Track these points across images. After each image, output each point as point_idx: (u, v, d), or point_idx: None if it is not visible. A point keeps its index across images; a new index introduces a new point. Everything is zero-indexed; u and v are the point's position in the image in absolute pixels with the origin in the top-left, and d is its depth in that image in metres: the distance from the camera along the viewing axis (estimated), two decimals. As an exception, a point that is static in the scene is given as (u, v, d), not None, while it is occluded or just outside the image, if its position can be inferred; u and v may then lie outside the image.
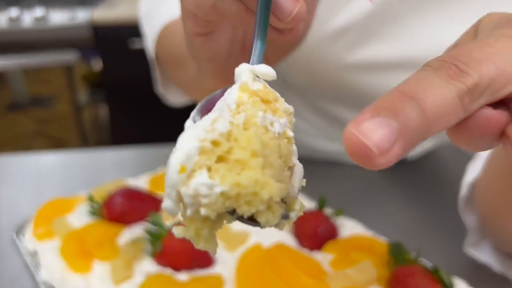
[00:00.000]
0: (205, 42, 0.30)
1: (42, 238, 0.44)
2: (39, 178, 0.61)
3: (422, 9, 0.46)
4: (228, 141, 0.20)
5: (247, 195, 0.19)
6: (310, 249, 0.43)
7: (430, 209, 0.55)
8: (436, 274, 0.38)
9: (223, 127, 0.20)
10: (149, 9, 0.57)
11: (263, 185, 0.19)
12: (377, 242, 0.43)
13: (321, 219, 0.45)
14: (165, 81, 0.58)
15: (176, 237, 0.40)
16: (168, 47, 0.52)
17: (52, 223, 0.45)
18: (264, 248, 0.43)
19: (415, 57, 0.48)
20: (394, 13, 0.47)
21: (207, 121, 0.20)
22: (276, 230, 0.45)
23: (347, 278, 0.38)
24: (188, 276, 0.40)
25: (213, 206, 0.18)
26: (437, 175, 0.64)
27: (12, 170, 0.63)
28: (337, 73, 0.51)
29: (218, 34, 0.31)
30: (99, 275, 0.40)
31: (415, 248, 0.41)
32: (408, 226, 0.52)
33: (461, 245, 0.47)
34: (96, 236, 0.43)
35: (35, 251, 0.44)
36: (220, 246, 0.44)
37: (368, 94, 0.52)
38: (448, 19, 0.46)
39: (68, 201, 0.49)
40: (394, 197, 0.58)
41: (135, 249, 0.42)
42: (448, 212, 0.51)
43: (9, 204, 0.55)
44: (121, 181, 0.52)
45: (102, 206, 0.47)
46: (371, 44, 0.48)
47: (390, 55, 0.49)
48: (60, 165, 0.66)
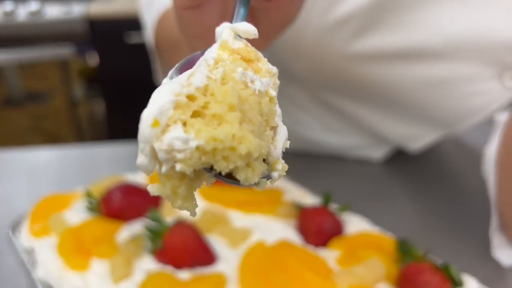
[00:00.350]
0: (195, 16, 0.29)
1: (39, 235, 0.43)
2: (34, 174, 0.60)
3: None
4: (204, 95, 0.19)
5: (224, 150, 0.18)
6: (315, 246, 0.42)
7: (435, 204, 0.54)
8: (446, 271, 0.36)
9: (200, 81, 0.20)
10: (149, 0, 0.56)
11: (241, 140, 0.18)
12: (385, 238, 0.42)
13: (326, 215, 0.43)
14: (164, 72, 0.57)
15: (176, 234, 0.39)
16: (165, 33, 0.51)
17: (49, 219, 0.44)
18: (268, 245, 0.41)
19: (420, 46, 0.47)
20: (398, 1, 0.46)
21: (183, 76, 0.20)
22: (279, 227, 0.43)
23: (355, 276, 0.37)
24: (190, 275, 0.38)
25: (188, 162, 0.18)
26: (441, 169, 0.63)
27: (8, 166, 0.62)
28: (340, 63, 0.50)
29: (208, 8, 0.29)
30: (98, 273, 0.39)
31: (422, 244, 0.40)
32: (415, 222, 0.51)
33: (470, 240, 0.46)
34: (94, 232, 0.42)
35: (31, 248, 0.42)
36: (222, 243, 0.43)
37: (372, 85, 0.51)
38: (452, 8, 0.46)
39: (64, 197, 0.48)
40: (399, 192, 0.57)
41: (134, 246, 0.40)
42: (453, 207, 0.50)
43: (4, 201, 0.54)
44: (118, 176, 0.51)
45: (100, 202, 0.45)
46: (375, 33, 0.47)
47: (394, 44, 0.48)
48: (56, 161, 0.64)
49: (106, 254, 0.40)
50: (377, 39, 0.48)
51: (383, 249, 0.41)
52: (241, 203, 0.46)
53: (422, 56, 0.48)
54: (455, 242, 0.47)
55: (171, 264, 0.39)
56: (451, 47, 0.47)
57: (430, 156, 0.65)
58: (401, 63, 0.49)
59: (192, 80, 0.19)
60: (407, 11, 0.46)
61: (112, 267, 0.39)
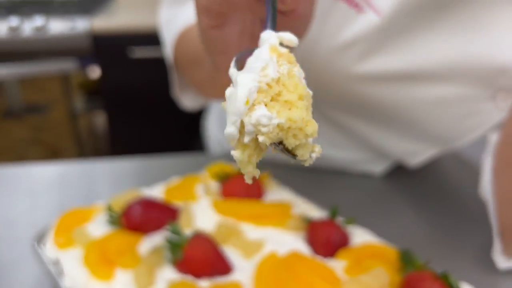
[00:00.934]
0: (218, 34, 0.34)
1: (64, 246, 0.46)
2: (54, 189, 0.63)
3: (427, 24, 0.49)
4: (277, 85, 0.24)
5: (295, 129, 0.23)
6: (324, 257, 0.45)
7: (435, 217, 0.58)
8: (446, 279, 0.40)
9: (274, 73, 0.24)
10: (168, 18, 0.61)
11: (307, 123, 0.23)
12: (388, 249, 0.45)
13: (334, 227, 0.47)
14: (181, 85, 0.61)
15: (195, 245, 0.41)
16: (185, 49, 0.56)
17: (73, 232, 0.47)
18: (280, 255, 0.44)
19: (421, 69, 0.51)
20: (401, 27, 0.49)
21: (255, 69, 0.24)
22: (290, 239, 0.47)
23: (361, 284, 0.40)
24: (209, 283, 0.41)
25: (269, 135, 0.23)
26: (440, 183, 0.67)
27: (27, 180, 0.64)
28: (346, 83, 0.53)
29: (229, 26, 0.34)
30: (122, 282, 0.42)
31: (423, 254, 0.44)
32: (416, 233, 0.54)
33: (467, 251, 0.49)
34: (117, 244, 0.45)
35: (57, 259, 0.45)
36: (237, 254, 0.46)
37: (376, 104, 0.55)
38: (448, 34, 0.49)
39: (86, 211, 0.50)
40: (400, 206, 0.61)
41: (156, 257, 0.43)
42: (452, 219, 0.54)
43: (26, 214, 0.57)
44: (136, 190, 0.54)
45: (121, 215, 0.48)
46: (379, 56, 0.51)
47: (397, 67, 0.51)
48: (69, 176, 0.67)
49: (129, 265, 0.43)
50: (381, 62, 0.51)
51: (387, 260, 0.44)
52: (253, 217, 0.49)
53: (421, 78, 0.51)
54: (454, 252, 0.51)
55: (191, 273, 0.42)
56: (447, 70, 0.50)
57: (429, 171, 0.68)
58: (402, 84, 0.52)
59: (267, 72, 0.24)
60: (407, 36, 0.50)
61: (136, 277, 0.41)
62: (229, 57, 0.35)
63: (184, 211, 0.50)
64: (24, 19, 1.45)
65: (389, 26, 0.49)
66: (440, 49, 0.50)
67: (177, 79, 0.61)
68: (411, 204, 0.61)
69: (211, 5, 0.32)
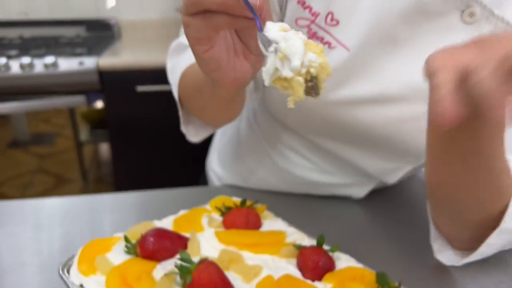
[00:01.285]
0: (210, 55, 0.43)
1: (87, 273, 0.52)
2: (72, 221, 0.70)
3: (390, 53, 0.58)
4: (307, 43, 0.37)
5: (326, 69, 0.36)
6: (312, 280, 0.52)
7: (411, 242, 0.66)
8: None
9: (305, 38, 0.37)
10: (173, 65, 0.72)
11: (328, 67, 0.37)
12: (367, 272, 0.52)
13: (321, 254, 0.54)
14: (186, 120, 0.71)
15: (202, 270, 0.48)
16: (188, 82, 0.65)
17: (94, 260, 0.54)
18: (275, 279, 0.52)
19: (387, 93, 0.59)
20: (367, 57, 0.58)
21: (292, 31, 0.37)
22: (283, 264, 0.54)
23: (344, 303, 0.47)
24: (215, 304, 0.48)
25: (316, 69, 0.36)
26: (411, 208, 0.76)
27: (44, 214, 0.72)
28: (324, 109, 0.62)
29: (217, 46, 0.43)
30: (140, 303, 0.49)
31: (396, 276, 0.51)
32: (390, 258, 0.62)
33: (438, 273, 0.57)
34: (135, 270, 0.52)
35: (81, 285, 0.52)
36: (237, 278, 0.54)
37: (353, 126, 0.63)
38: (412, 60, 0.57)
39: (105, 241, 0.57)
40: (378, 230, 0.69)
41: (168, 282, 0.50)
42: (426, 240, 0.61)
43: (52, 244, 0.64)
44: (148, 223, 0.61)
45: (136, 245, 0.55)
46: (350, 84, 0.59)
47: (366, 93, 0.60)
48: (87, 209, 0.74)
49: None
50: (352, 89, 0.59)
51: (366, 281, 0.51)
52: (252, 245, 0.57)
53: (389, 100, 0.59)
54: (424, 275, 0.59)
55: (199, 295, 0.49)
56: (410, 91, 0.58)
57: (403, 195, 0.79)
58: (374, 107, 0.60)
59: (300, 35, 0.37)
60: (375, 65, 0.58)
61: (152, 299, 0.48)
62: (222, 71, 0.45)
63: (191, 240, 0.57)
64: (35, 58, 1.55)
65: (356, 57, 0.57)
66: (402, 74, 0.58)
67: (183, 114, 0.69)
68: (387, 227, 0.70)
69: (199, 34, 0.41)
